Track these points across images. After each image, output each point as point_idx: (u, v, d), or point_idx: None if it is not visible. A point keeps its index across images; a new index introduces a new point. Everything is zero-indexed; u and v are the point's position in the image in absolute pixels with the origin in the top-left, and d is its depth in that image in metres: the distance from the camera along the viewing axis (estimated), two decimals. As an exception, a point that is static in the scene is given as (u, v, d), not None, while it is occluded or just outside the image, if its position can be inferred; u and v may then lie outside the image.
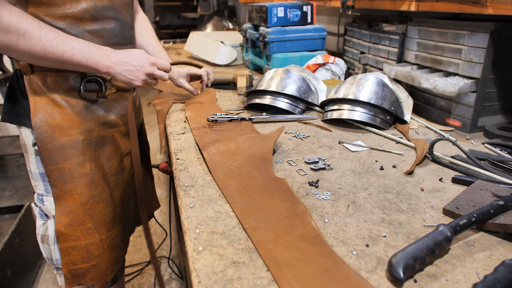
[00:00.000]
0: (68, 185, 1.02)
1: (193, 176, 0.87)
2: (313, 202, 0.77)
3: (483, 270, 0.58)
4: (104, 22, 1.00)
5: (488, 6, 1.00)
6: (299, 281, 0.55)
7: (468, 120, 1.15)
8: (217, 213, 0.73)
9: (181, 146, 1.05)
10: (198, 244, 0.64)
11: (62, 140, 1.00)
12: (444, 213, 0.73)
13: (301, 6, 1.80)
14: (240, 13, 4.59)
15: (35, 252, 2.17)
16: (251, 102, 1.33)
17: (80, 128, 1.03)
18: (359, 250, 0.62)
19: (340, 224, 0.70)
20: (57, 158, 1.00)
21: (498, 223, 0.66)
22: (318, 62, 1.64)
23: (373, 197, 0.79)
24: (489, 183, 0.79)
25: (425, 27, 1.27)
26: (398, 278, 0.54)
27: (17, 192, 2.98)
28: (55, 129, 0.99)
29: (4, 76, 3.06)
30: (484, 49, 1.07)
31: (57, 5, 0.91)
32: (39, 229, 1.09)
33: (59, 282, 1.15)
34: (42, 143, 0.99)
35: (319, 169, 0.91)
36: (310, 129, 1.19)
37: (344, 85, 1.24)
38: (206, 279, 0.56)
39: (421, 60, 1.32)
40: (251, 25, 1.96)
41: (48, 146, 0.99)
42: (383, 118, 1.17)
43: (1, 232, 2.13)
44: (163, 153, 3.43)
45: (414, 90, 1.34)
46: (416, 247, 0.57)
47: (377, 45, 1.54)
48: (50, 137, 0.99)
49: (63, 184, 1.02)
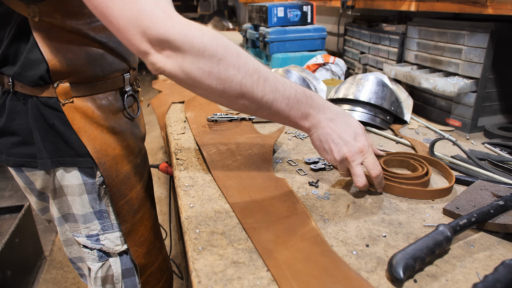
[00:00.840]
0: (138, 215, 0.94)
1: (193, 176, 0.87)
2: (313, 202, 0.77)
3: (483, 270, 0.58)
4: None
5: (488, 6, 1.00)
6: (299, 281, 0.55)
7: (468, 120, 1.15)
8: (217, 213, 0.72)
9: (181, 146, 1.05)
10: (198, 244, 0.64)
11: (126, 169, 0.90)
12: (444, 213, 0.73)
13: (301, 6, 1.80)
14: (240, 13, 4.59)
15: (35, 252, 2.17)
16: (251, 102, 1.33)
17: (135, 151, 0.94)
18: (359, 250, 0.62)
19: (340, 224, 0.70)
20: (125, 191, 0.90)
21: (498, 223, 0.66)
22: (318, 62, 1.64)
23: (373, 197, 0.79)
24: (489, 183, 0.79)
25: (425, 27, 1.27)
26: (398, 278, 0.54)
27: (17, 192, 2.98)
28: (118, 160, 0.88)
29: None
30: (484, 49, 1.07)
31: None
32: (97, 273, 0.93)
33: None
34: (109, 180, 0.86)
35: (319, 169, 0.91)
36: (310, 129, 1.19)
37: (344, 85, 1.24)
38: (206, 279, 0.56)
39: (421, 60, 1.32)
40: (251, 25, 1.96)
41: (115, 181, 0.87)
42: (383, 118, 1.17)
43: (1, 232, 2.13)
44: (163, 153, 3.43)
45: (414, 90, 1.34)
46: (416, 247, 0.57)
47: (377, 45, 1.54)
48: (115, 170, 0.87)
49: (133, 215, 0.93)
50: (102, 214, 0.92)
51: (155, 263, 1.00)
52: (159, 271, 1.01)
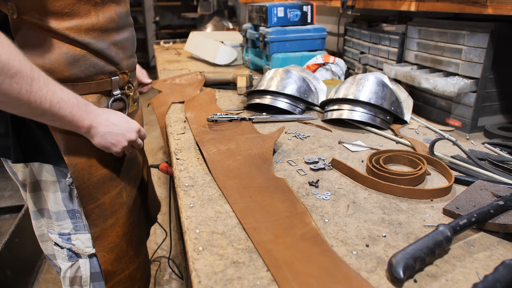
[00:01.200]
0: (110, 220, 0.93)
1: (193, 176, 0.87)
2: (313, 202, 0.77)
3: (483, 270, 0.58)
4: (125, 31, 0.91)
5: (488, 6, 1.00)
6: (299, 281, 0.55)
7: (468, 120, 1.15)
8: (217, 213, 0.73)
9: (181, 146, 1.05)
10: (198, 244, 0.64)
11: (100, 173, 0.89)
12: (444, 213, 0.73)
13: (301, 6, 1.80)
14: (240, 13, 4.59)
15: (35, 252, 2.17)
16: (251, 102, 1.33)
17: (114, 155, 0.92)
18: (359, 250, 0.62)
19: (340, 224, 0.70)
20: (97, 195, 0.89)
21: (498, 223, 0.66)
22: (318, 62, 1.64)
23: (373, 197, 0.79)
24: (489, 183, 0.79)
25: (425, 27, 1.27)
26: (398, 278, 0.54)
27: (17, 192, 2.98)
28: (92, 164, 0.88)
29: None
30: (484, 49, 1.07)
31: (80, 16, 0.78)
32: (65, 273, 0.95)
33: None
34: (80, 182, 0.86)
35: (318, 169, 0.91)
36: (310, 129, 1.19)
37: (344, 85, 1.24)
38: (206, 279, 0.56)
39: (421, 60, 1.32)
40: (251, 25, 1.96)
41: (86, 184, 0.87)
42: (383, 118, 1.17)
43: (1, 232, 2.13)
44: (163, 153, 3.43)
45: (414, 90, 1.34)
46: (416, 247, 0.57)
47: (377, 45, 1.54)
48: (88, 173, 0.87)
49: (104, 220, 0.92)
50: (75, 214, 0.91)
51: (126, 271, 0.98)
52: (129, 279, 0.99)
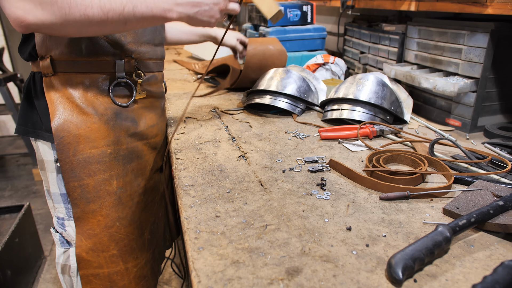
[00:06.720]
0: (92, 205, 0.90)
1: (193, 176, 0.87)
2: (313, 202, 0.77)
3: (483, 270, 0.58)
4: None
5: (488, 6, 1.00)
6: None
7: (468, 120, 1.15)
8: (217, 213, 0.72)
9: (181, 146, 1.05)
10: (198, 244, 0.64)
11: (87, 152, 0.87)
12: (444, 213, 0.73)
13: (301, 6, 1.80)
14: (240, 13, 4.59)
15: (35, 252, 2.18)
16: (251, 102, 1.33)
17: (108, 139, 0.90)
18: (359, 250, 0.62)
19: (340, 224, 0.70)
20: (80, 174, 0.87)
21: (498, 223, 0.66)
22: (318, 62, 1.64)
23: (373, 196, 0.79)
24: (489, 183, 0.79)
25: (425, 27, 1.27)
26: (397, 279, 0.54)
27: (17, 192, 2.98)
28: (80, 140, 0.86)
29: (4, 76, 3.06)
30: (484, 49, 1.07)
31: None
32: (59, 258, 0.96)
33: None
34: (64, 156, 0.85)
35: (317, 170, 0.91)
36: (310, 129, 1.19)
37: (344, 85, 1.24)
38: (206, 279, 0.56)
39: (421, 60, 1.32)
40: (251, 25, 1.96)
41: (70, 159, 0.86)
42: (383, 118, 1.17)
43: (1, 232, 2.13)
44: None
45: (414, 90, 1.34)
46: (415, 247, 0.57)
47: (377, 45, 1.53)
48: (74, 149, 0.86)
49: (86, 203, 0.89)
50: (67, 198, 0.91)
51: (104, 269, 0.93)
52: (108, 280, 0.94)
